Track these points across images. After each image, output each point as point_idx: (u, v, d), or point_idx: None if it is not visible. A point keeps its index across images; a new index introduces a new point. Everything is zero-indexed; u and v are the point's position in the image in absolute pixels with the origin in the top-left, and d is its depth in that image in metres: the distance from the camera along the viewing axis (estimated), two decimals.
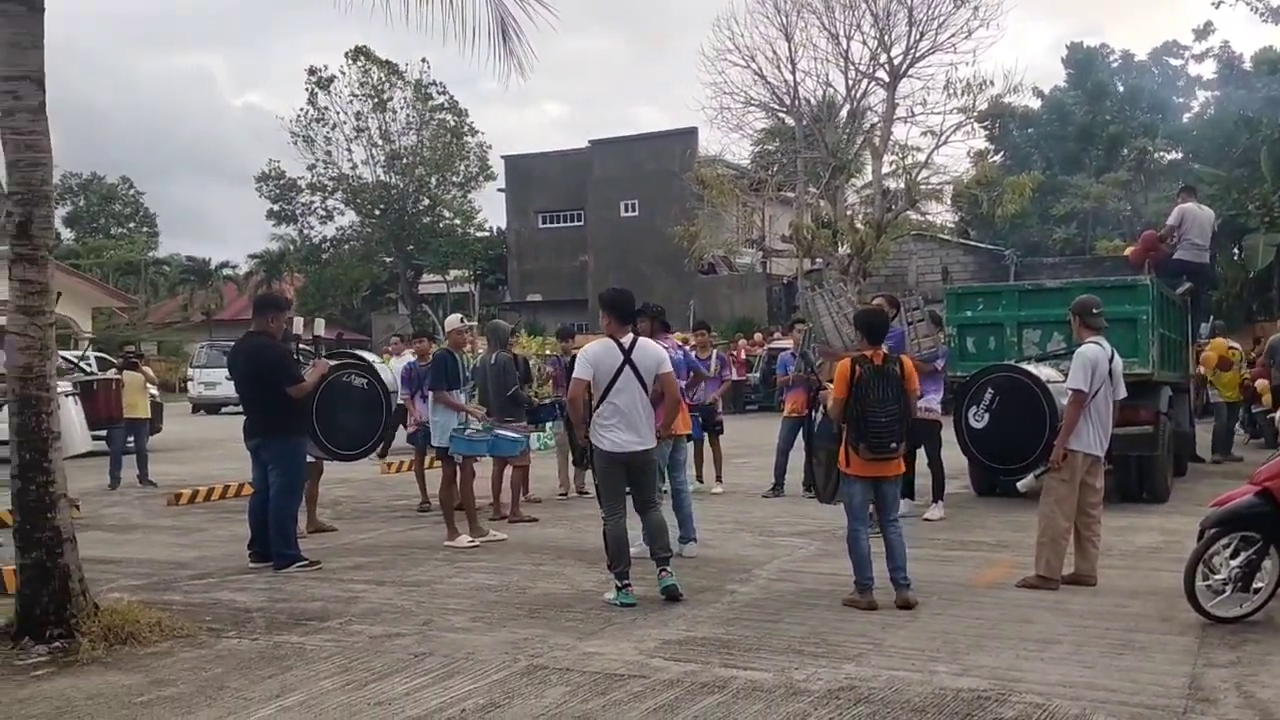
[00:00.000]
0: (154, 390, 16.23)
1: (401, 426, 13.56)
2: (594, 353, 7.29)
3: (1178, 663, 5.69)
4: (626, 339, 7.28)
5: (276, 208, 55.52)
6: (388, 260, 55.29)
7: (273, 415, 8.58)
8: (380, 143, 52.40)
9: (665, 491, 8.69)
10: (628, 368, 7.17)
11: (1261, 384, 17.69)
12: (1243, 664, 5.67)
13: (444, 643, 6.27)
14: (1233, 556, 6.44)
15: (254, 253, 57.77)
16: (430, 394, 9.96)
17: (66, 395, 11.92)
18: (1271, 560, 6.44)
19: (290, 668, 5.83)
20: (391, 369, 13.60)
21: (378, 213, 53.32)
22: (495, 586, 7.80)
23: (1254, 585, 6.44)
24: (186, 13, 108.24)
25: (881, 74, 32.87)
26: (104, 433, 14.94)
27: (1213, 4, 34.24)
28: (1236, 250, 29.48)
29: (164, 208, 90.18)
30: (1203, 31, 42.18)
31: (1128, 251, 16.52)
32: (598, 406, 7.21)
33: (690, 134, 40.36)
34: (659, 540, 7.37)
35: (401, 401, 12.84)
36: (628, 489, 7.39)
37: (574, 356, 12.00)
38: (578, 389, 7.26)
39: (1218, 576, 6.43)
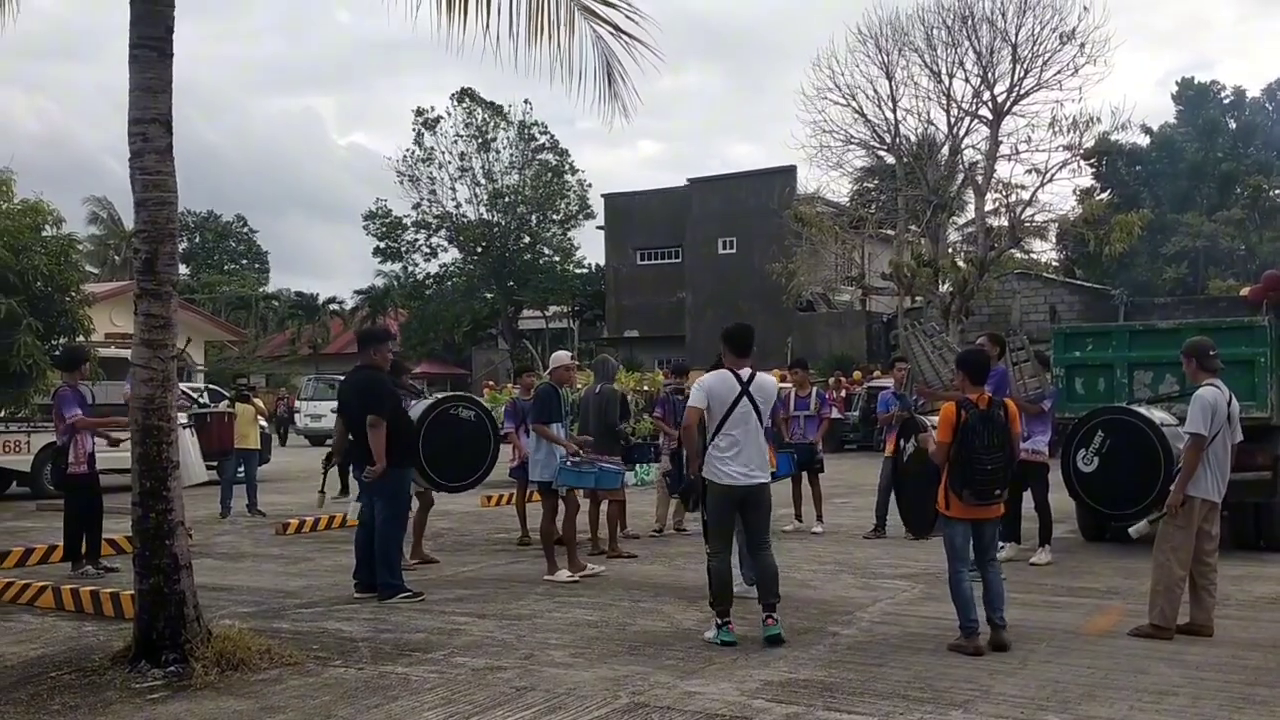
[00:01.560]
0: (264, 422, 16.66)
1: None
2: (709, 383, 7.25)
3: None
4: (745, 371, 7.27)
5: (382, 245, 56.77)
6: (489, 296, 56.12)
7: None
8: (483, 181, 53.40)
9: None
10: (745, 399, 7.13)
11: None
12: None
13: (545, 677, 6.30)
14: None
15: (359, 288, 59.20)
16: (533, 428, 10.03)
17: (183, 427, 12.36)
18: None
19: (395, 698, 5.91)
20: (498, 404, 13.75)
21: (480, 250, 54.22)
22: (595, 622, 7.81)
23: None
24: (298, 57, 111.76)
25: (984, 111, 32.63)
26: (215, 463, 15.41)
27: None
28: None
29: (274, 244, 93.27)
30: None
31: (1245, 291, 16.06)
32: (713, 438, 7.16)
33: (789, 172, 40.40)
34: (768, 585, 7.18)
35: (506, 433, 12.98)
36: (737, 526, 7.34)
37: (687, 393, 12.12)
38: (693, 417, 7.23)
39: None
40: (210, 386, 22.54)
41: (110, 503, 10.59)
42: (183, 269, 62.65)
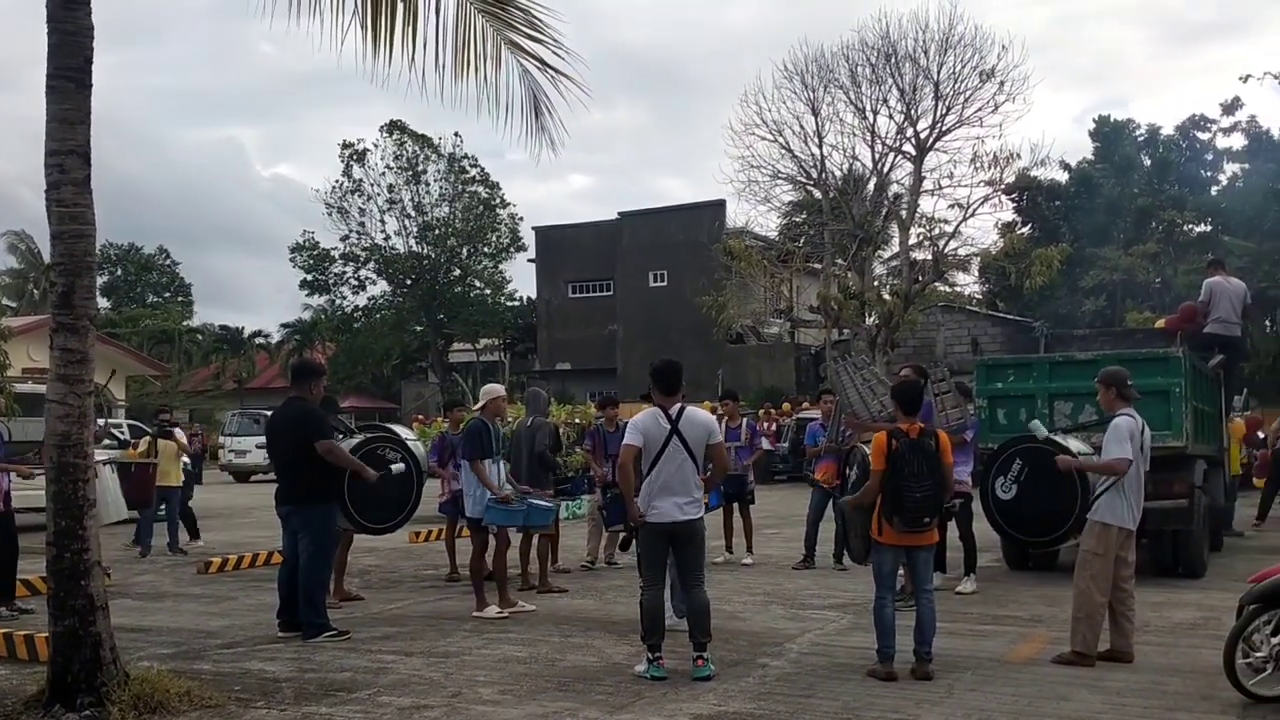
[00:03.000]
0: (186, 459, 16.32)
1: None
2: (643, 422, 7.25)
3: None
4: (674, 409, 7.27)
5: (309, 277, 56.23)
6: (418, 329, 55.79)
7: (305, 482, 8.62)
8: (413, 214, 53.21)
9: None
10: (675, 437, 7.15)
11: None
12: None
13: (473, 715, 6.23)
14: (1274, 634, 6.32)
15: (286, 322, 58.45)
16: (464, 463, 9.93)
17: (105, 464, 12.06)
18: None
19: None
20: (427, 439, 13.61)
21: (409, 282, 53.93)
22: (524, 658, 7.75)
23: None
24: (220, 87, 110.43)
25: (908, 147, 33.23)
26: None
27: (1240, 79, 34.41)
28: (1269, 323, 29.28)
29: (198, 277, 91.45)
30: (1230, 106, 42.33)
31: (1161, 322, 16.47)
32: (646, 476, 7.17)
33: (718, 206, 40.77)
34: (699, 624, 7.15)
35: (431, 468, 12.84)
36: (670, 561, 7.32)
37: (618, 427, 12.11)
38: (628, 456, 7.23)
39: (1258, 654, 6.31)
40: (131, 422, 22.06)
41: (25, 542, 10.31)
42: (104, 302, 61.61)
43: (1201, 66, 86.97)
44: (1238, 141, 42.81)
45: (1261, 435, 21.86)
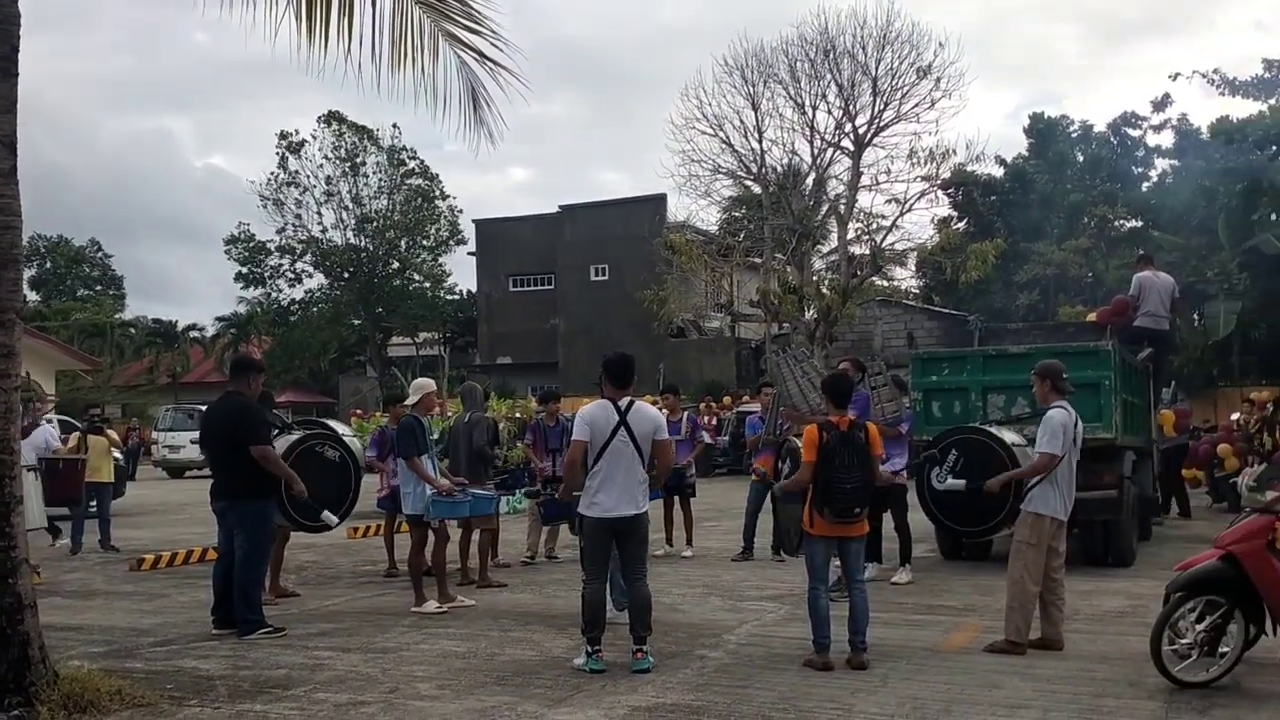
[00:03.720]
0: (118, 454, 16.04)
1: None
2: (590, 414, 7.24)
3: None
4: (623, 402, 7.27)
5: (245, 270, 55.47)
6: (356, 323, 55.25)
7: (241, 477, 8.51)
8: (351, 206, 52.66)
9: None
10: (622, 430, 7.15)
11: (1224, 449, 17.96)
12: None
13: (410, 711, 6.20)
14: (1198, 621, 6.48)
15: (221, 315, 57.59)
16: (402, 462, 9.84)
17: (27, 470, 11.80)
18: (1237, 624, 6.49)
19: None
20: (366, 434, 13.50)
21: (347, 275, 53.40)
22: (463, 653, 7.72)
23: (1220, 650, 6.48)
24: (151, 75, 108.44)
25: (846, 143, 33.54)
26: (65, 509, 14.70)
27: (1169, 77, 35.11)
28: (1197, 317, 29.91)
29: (131, 269, 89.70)
30: (1161, 103, 43.14)
31: (1092, 315, 16.77)
32: (591, 468, 7.16)
33: (659, 200, 40.81)
34: (640, 617, 7.18)
35: (369, 462, 12.74)
36: (614, 553, 7.33)
37: (559, 421, 12.09)
38: (576, 451, 7.23)
39: (1184, 641, 6.47)
40: (62, 418, 21.62)
41: None
42: (32, 295, 60.34)
43: (1133, 64, 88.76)
44: (1167, 139, 43.67)
45: (1191, 427, 22.39)
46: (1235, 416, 19.50)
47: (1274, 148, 31.66)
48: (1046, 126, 46.30)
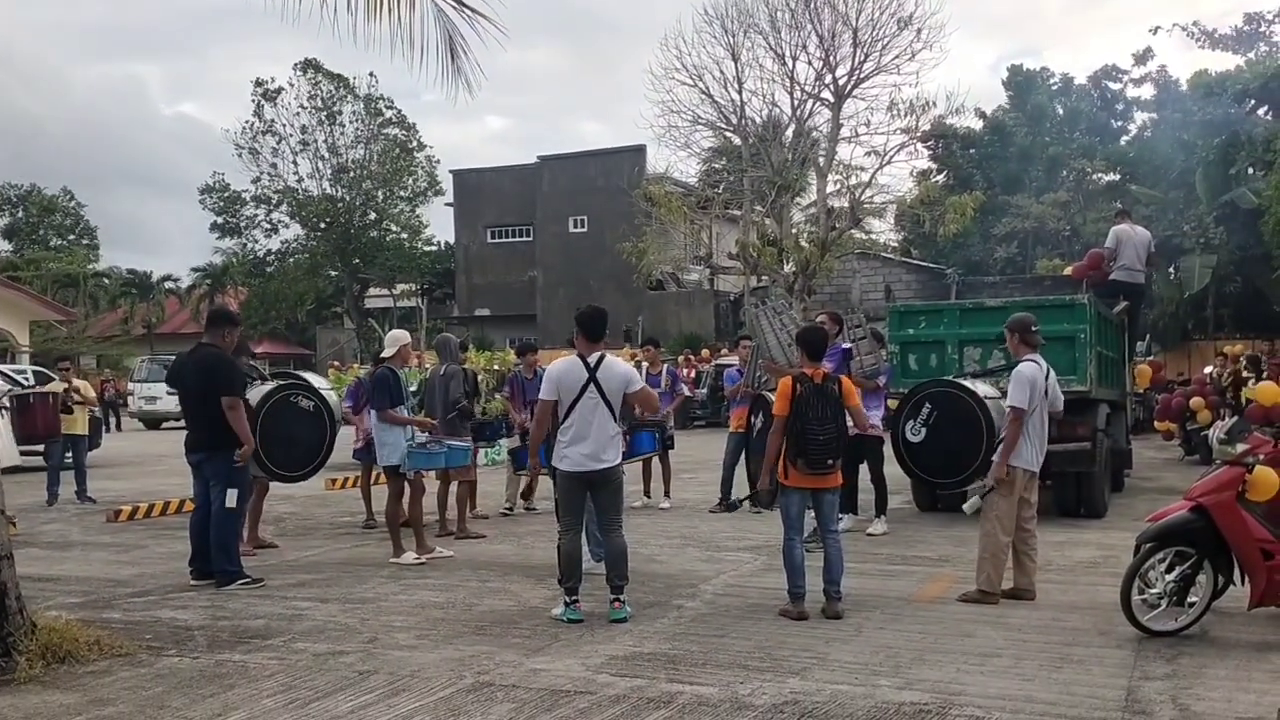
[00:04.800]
0: (94, 407, 15.96)
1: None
2: (558, 371, 7.25)
3: (1114, 676, 5.81)
4: (594, 357, 7.25)
5: (220, 220, 55.00)
6: (333, 274, 54.93)
7: (216, 429, 8.47)
8: (327, 155, 52.17)
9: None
10: (592, 385, 7.15)
11: (1196, 402, 18.13)
12: (1178, 677, 5.79)
13: (389, 660, 6.24)
14: (1168, 571, 6.58)
15: (197, 266, 57.18)
16: (378, 416, 9.83)
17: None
18: (1205, 575, 6.60)
19: (232, 686, 5.77)
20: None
21: (323, 226, 53.00)
22: (441, 604, 7.76)
23: (1188, 599, 6.59)
24: (121, 21, 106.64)
25: (826, 94, 33.35)
26: (41, 448, 14.71)
27: (1150, 30, 35.02)
28: (1172, 270, 30.08)
29: (104, 219, 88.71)
30: (1141, 56, 43.06)
31: (1069, 269, 16.82)
32: (560, 425, 7.17)
33: (639, 151, 40.60)
34: (617, 567, 7.23)
35: (345, 414, 12.71)
36: (589, 505, 7.36)
37: (537, 374, 12.08)
38: (543, 412, 7.25)
39: (1153, 591, 6.57)
40: (37, 368, 21.48)
41: None
42: (4, 245, 59.72)
43: (1115, 16, 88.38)
44: (1147, 92, 43.66)
45: (1165, 379, 22.59)
46: (1208, 370, 19.67)
47: (1252, 102, 31.71)
48: (1026, 79, 46.14)
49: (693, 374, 28.48)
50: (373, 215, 53.82)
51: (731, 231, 38.37)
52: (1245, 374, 16.98)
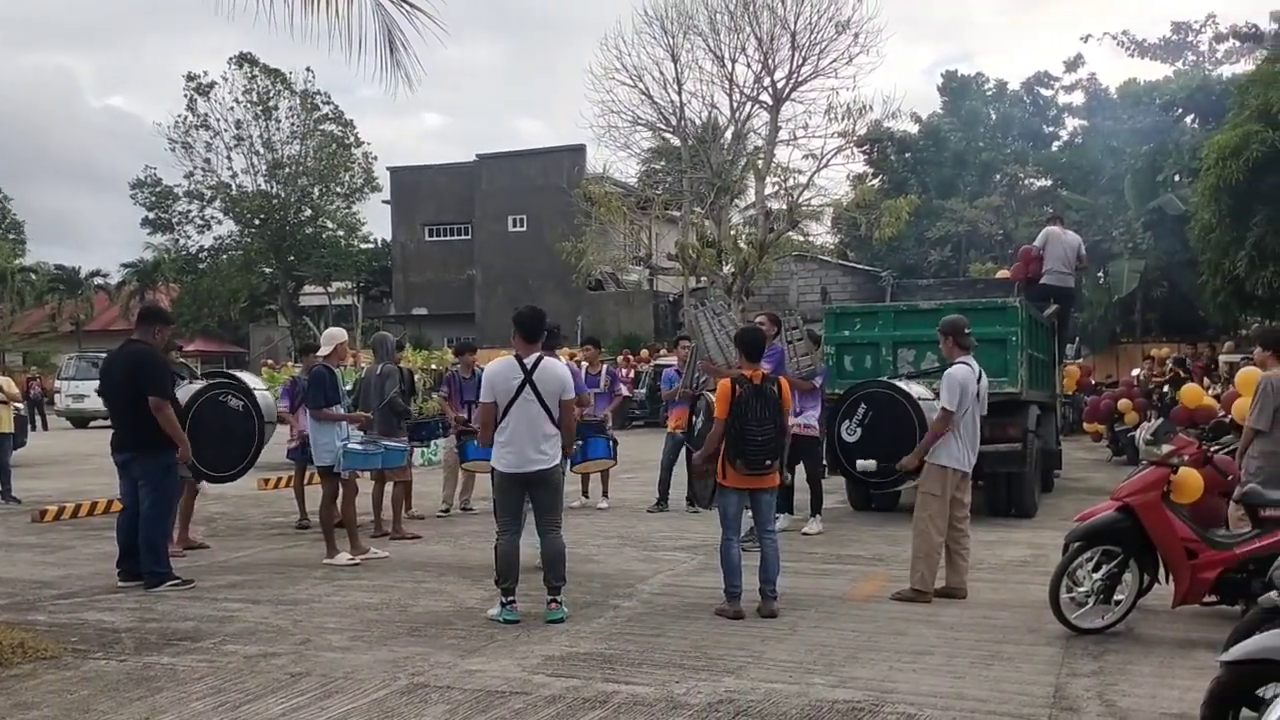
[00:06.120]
0: (19, 405, 15.58)
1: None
2: (492, 373, 7.23)
3: (1043, 673, 5.91)
4: (531, 358, 7.22)
5: (152, 215, 54.00)
6: (267, 271, 54.14)
7: (143, 428, 8.31)
8: (262, 151, 51.43)
9: None
10: (528, 387, 7.11)
11: (1124, 404, 18.51)
12: (1104, 674, 5.90)
13: (322, 662, 6.17)
14: (1095, 570, 6.71)
15: (127, 262, 56.06)
16: (313, 414, 9.71)
17: None
18: (1131, 573, 6.75)
19: (160, 689, 5.67)
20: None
21: (258, 222, 52.25)
22: (375, 605, 7.69)
23: (1115, 597, 6.73)
24: (45, 11, 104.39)
25: (765, 97, 33.52)
26: None
27: (1081, 39, 35.67)
28: (1102, 275, 30.69)
29: (31, 214, 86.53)
30: (1073, 63, 43.91)
31: (1001, 274, 17.10)
32: (498, 424, 7.14)
33: (578, 150, 40.55)
34: (554, 568, 7.20)
35: (280, 413, 12.53)
36: (527, 506, 7.30)
37: (475, 373, 12.01)
38: (485, 414, 7.20)
39: (1081, 589, 6.70)
40: None
41: None
42: None
43: (1048, 22, 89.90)
44: (1078, 99, 44.52)
45: (1094, 382, 23.03)
46: (1136, 372, 20.11)
47: (1179, 111, 32.43)
48: (960, 85, 46.86)
49: (632, 374, 28.51)
50: (308, 212, 53.13)
51: (671, 232, 38.45)
52: (1182, 374, 17.39)
